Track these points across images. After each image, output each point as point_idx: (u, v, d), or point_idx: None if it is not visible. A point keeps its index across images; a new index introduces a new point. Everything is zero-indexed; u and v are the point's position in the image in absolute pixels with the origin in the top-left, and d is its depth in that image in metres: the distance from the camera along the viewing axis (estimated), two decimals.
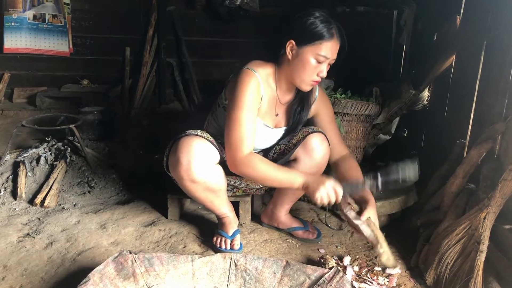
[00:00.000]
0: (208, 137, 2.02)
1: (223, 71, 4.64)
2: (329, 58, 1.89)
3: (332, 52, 1.89)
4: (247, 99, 1.88)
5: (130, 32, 4.48)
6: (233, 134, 1.87)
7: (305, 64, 1.90)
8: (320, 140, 2.05)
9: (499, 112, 2.08)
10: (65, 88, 4.43)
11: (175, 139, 2.04)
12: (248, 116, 1.88)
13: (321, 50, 1.86)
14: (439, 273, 1.87)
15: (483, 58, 2.36)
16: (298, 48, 1.90)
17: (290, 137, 2.13)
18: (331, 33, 1.87)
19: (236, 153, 1.87)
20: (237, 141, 1.87)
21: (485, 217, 1.78)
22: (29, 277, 1.88)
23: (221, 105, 2.07)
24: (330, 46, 1.87)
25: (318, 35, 1.86)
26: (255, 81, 1.91)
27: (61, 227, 2.30)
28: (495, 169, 1.98)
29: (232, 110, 1.89)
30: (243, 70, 1.94)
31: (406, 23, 3.45)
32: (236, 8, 4.28)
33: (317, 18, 1.88)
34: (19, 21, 4.36)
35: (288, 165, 2.12)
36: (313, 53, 1.88)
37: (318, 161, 2.06)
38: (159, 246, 2.16)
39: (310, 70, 1.91)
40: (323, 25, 1.86)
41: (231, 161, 1.90)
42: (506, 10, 2.13)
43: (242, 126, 1.87)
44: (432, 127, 3.07)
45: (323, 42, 1.86)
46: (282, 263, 1.76)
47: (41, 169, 2.77)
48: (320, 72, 1.91)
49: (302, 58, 1.90)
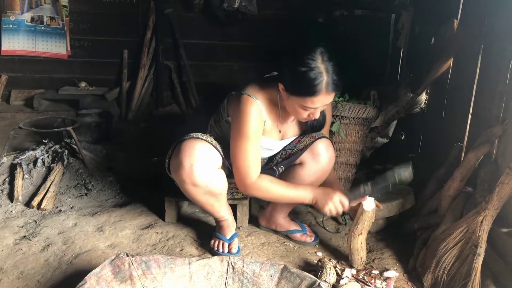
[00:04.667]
0: (212, 141, 2.01)
1: (221, 73, 4.64)
2: (318, 108, 1.87)
3: (321, 103, 1.84)
4: (251, 129, 1.91)
5: (128, 34, 4.49)
6: (240, 162, 1.94)
7: (294, 109, 1.90)
8: (326, 145, 2.11)
9: (496, 116, 2.08)
10: (62, 90, 4.42)
11: (178, 141, 2.02)
12: (253, 144, 1.93)
13: (307, 103, 1.83)
14: (437, 276, 1.86)
15: (480, 62, 2.37)
16: (286, 93, 1.88)
17: (297, 142, 2.15)
18: (318, 89, 1.78)
19: (246, 180, 1.94)
20: (244, 169, 1.94)
21: (483, 221, 1.78)
22: (26, 280, 1.87)
23: (223, 117, 2.08)
24: (317, 100, 1.81)
25: (304, 92, 1.81)
26: (257, 109, 1.92)
27: (58, 230, 2.30)
28: (493, 172, 1.99)
29: (237, 139, 1.93)
30: (244, 96, 1.93)
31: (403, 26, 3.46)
32: (234, 11, 4.29)
33: (308, 69, 1.76)
34: (17, 23, 4.35)
35: (293, 169, 2.15)
36: (299, 104, 1.85)
37: (324, 165, 2.12)
38: (156, 249, 2.15)
39: (300, 114, 1.91)
40: (311, 81, 1.77)
41: (241, 186, 1.98)
42: (503, 14, 2.13)
43: (247, 154, 1.92)
44: (429, 130, 3.08)
45: (308, 98, 1.81)
46: (280, 266, 1.76)
47: (38, 171, 2.76)
48: (311, 114, 1.90)
49: (291, 103, 1.89)
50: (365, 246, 2.07)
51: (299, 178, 2.14)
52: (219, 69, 4.66)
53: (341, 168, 2.69)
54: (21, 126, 3.01)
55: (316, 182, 2.17)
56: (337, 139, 2.61)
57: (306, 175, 2.13)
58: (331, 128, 2.53)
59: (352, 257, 2.05)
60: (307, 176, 2.13)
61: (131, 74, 4.47)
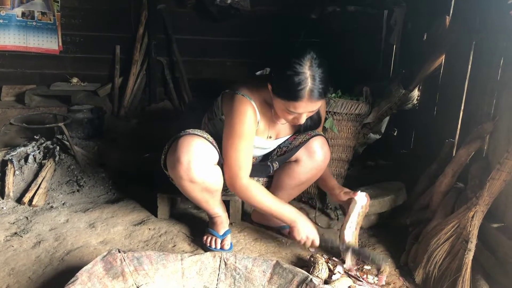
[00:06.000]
0: (208, 138, 2.00)
1: (214, 69, 4.63)
2: (302, 113, 1.86)
3: (304, 109, 1.83)
4: (244, 129, 1.92)
5: (120, 30, 4.45)
6: (232, 160, 1.95)
7: (280, 110, 1.90)
8: (322, 143, 2.13)
9: (487, 112, 2.10)
10: (54, 86, 4.38)
11: (174, 138, 2.02)
12: (246, 144, 1.94)
13: (290, 107, 1.82)
14: (428, 272, 1.88)
15: (472, 58, 2.38)
16: (273, 94, 1.87)
17: (292, 139, 2.16)
18: (301, 95, 1.76)
19: (236, 180, 1.96)
20: (235, 168, 1.95)
21: (473, 216, 1.80)
22: (16, 277, 1.86)
23: (217, 116, 2.08)
24: (299, 106, 1.81)
25: (288, 95, 1.80)
26: (251, 109, 1.93)
27: (49, 226, 2.28)
28: (484, 168, 2.00)
29: (229, 138, 1.94)
30: (238, 96, 1.93)
31: (396, 23, 3.47)
32: (227, 7, 4.26)
33: (293, 74, 1.74)
34: (8, 18, 4.31)
35: (289, 166, 2.17)
36: (284, 107, 1.85)
37: (319, 163, 2.14)
38: (148, 245, 2.14)
39: (285, 116, 1.91)
40: (295, 85, 1.75)
41: (230, 184, 2.00)
42: (494, 11, 2.14)
43: (240, 153, 1.93)
44: (421, 126, 3.10)
45: (291, 102, 1.81)
46: (272, 262, 1.76)
47: (29, 167, 2.75)
48: (296, 119, 1.90)
49: (277, 105, 1.89)
50: (356, 241, 2.08)
51: (294, 175, 2.15)
52: (212, 65, 4.64)
53: (334, 164, 2.70)
54: (12, 122, 2.99)
55: (311, 179, 2.18)
56: (329, 135, 2.61)
57: (301, 172, 2.14)
58: (324, 124, 2.53)
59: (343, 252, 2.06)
60: (302, 173, 2.14)
61: (124, 70, 4.44)
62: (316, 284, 1.62)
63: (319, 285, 1.62)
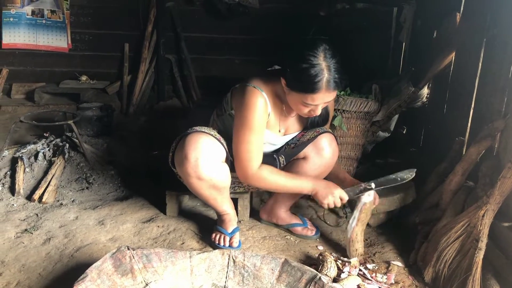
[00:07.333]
0: (216, 135, 2.01)
1: (222, 67, 4.63)
2: (318, 104, 1.86)
3: (322, 100, 1.83)
4: (255, 119, 1.91)
5: (129, 28, 4.48)
6: (242, 153, 1.94)
7: (295, 104, 1.90)
8: (330, 140, 2.11)
9: (498, 110, 2.07)
10: (63, 84, 4.42)
11: (182, 135, 2.02)
12: (256, 136, 1.93)
13: (307, 100, 1.82)
14: (438, 270, 1.87)
15: (483, 56, 2.36)
16: (287, 88, 1.87)
17: (300, 136, 2.15)
18: (318, 86, 1.77)
19: (247, 171, 1.95)
20: (246, 160, 1.94)
21: (484, 215, 1.78)
22: (27, 273, 1.87)
23: (227, 111, 2.08)
24: (317, 97, 1.81)
25: (304, 88, 1.80)
26: (262, 101, 1.92)
27: (59, 223, 2.30)
28: (494, 167, 1.98)
29: (240, 129, 1.93)
30: (249, 87, 1.92)
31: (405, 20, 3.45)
32: (236, 5, 4.27)
33: (309, 66, 1.75)
34: (18, 17, 4.35)
35: (297, 163, 2.15)
36: (300, 100, 1.85)
37: (327, 160, 2.12)
38: (157, 243, 2.15)
39: (301, 110, 1.91)
40: (312, 77, 1.75)
41: (242, 176, 1.99)
42: (506, 8, 2.12)
43: (250, 145, 1.93)
44: (431, 124, 3.07)
45: (308, 95, 1.81)
46: (281, 260, 1.76)
47: (39, 165, 2.77)
48: (312, 111, 1.90)
49: (292, 99, 1.90)
50: (361, 238, 2.06)
51: (302, 172, 2.14)
52: (220, 63, 4.65)
53: (343, 162, 2.69)
54: (22, 119, 3.01)
55: (320, 176, 2.17)
56: (338, 133, 2.61)
57: (309, 169, 2.13)
58: (333, 122, 2.52)
59: (347, 248, 2.06)
60: (311, 170, 2.13)
61: (132, 68, 4.47)
62: (324, 282, 1.62)
63: (328, 284, 1.62)
